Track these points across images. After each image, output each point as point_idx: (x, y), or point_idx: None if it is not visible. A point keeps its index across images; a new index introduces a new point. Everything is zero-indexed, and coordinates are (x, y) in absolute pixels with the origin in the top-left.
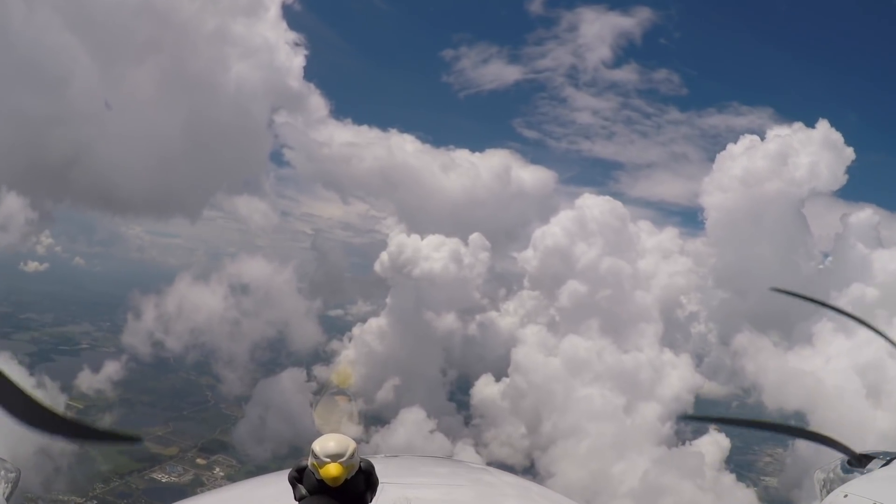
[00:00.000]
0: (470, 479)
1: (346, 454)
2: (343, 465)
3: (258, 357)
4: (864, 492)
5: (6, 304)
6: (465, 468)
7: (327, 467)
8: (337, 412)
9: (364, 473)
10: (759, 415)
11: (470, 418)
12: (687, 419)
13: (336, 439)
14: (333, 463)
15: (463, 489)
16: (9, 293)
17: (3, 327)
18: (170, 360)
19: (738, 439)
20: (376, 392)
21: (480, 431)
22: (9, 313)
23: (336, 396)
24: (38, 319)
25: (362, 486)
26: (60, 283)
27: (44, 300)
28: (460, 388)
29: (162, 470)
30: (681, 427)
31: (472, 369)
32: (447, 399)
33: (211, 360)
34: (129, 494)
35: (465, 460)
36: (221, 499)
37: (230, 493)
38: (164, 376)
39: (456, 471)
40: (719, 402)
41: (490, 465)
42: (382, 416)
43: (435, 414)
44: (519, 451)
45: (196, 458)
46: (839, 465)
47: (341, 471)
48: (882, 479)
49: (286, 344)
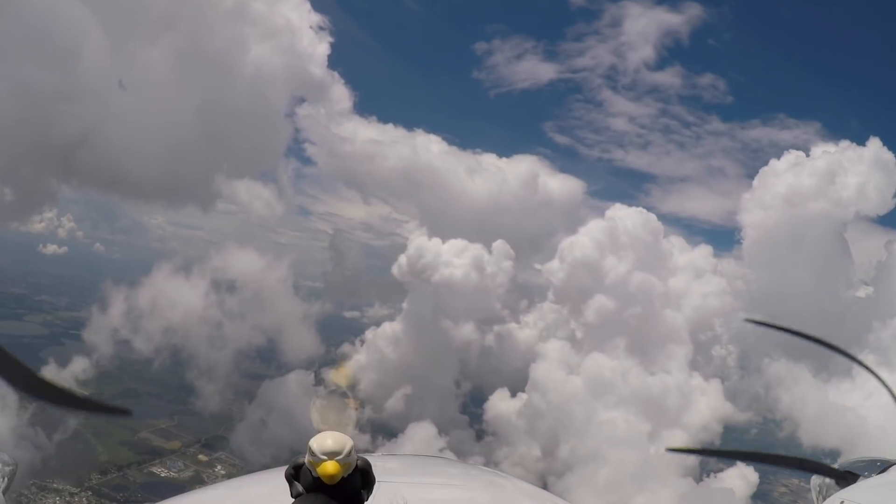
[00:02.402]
0: (467, 479)
1: (343, 452)
2: (340, 463)
3: (264, 356)
4: (861, 498)
5: (23, 286)
6: (461, 468)
7: (324, 465)
8: (335, 411)
9: (361, 472)
10: (796, 452)
11: (482, 434)
12: (672, 451)
13: (333, 437)
14: (330, 461)
15: (460, 488)
16: (26, 275)
17: (18, 308)
18: (181, 353)
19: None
20: (386, 400)
21: (492, 449)
22: (24, 295)
23: (335, 395)
24: (52, 303)
25: (359, 485)
26: (78, 268)
27: (60, 284)
28: (474, 401)
29: (162, 464)
30: (704, 459)
31: (488, 382)
32: (459, 411)
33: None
34: (126, 488)
35: (462, 460)
36: (217, 495)
37: (226, 489)
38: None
39: (453, 470)
40: (737, 428)
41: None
42: (390, 425)
43: (446, 426)
44: (532, 474)
45: (198, 455)
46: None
47: (338, 469)
48: (879, 485)
49: (288, 345)
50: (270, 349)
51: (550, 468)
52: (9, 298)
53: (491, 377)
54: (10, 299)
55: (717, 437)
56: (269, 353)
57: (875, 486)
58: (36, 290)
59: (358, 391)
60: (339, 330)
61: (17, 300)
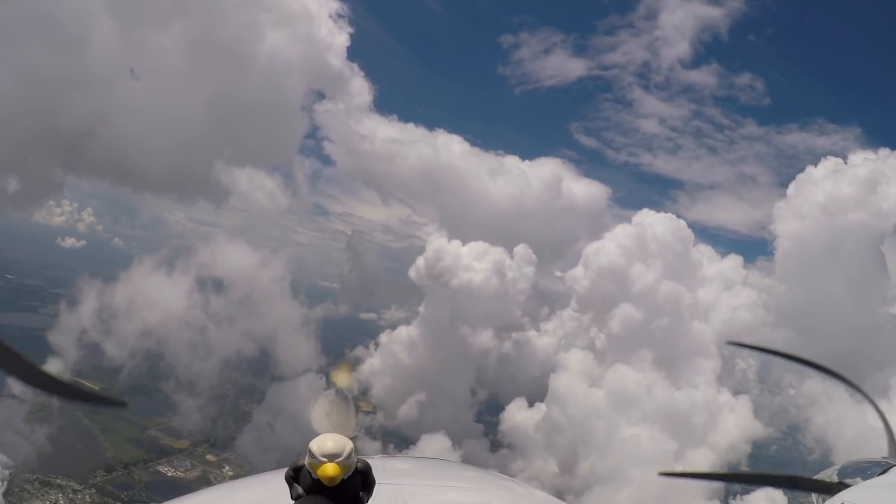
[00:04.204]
0: (466, 481)
1: (343, 454)
2: (340, 465)
3: (261, 360)
4: (861, 499)
5: (40, 278)
6: (461, 469)
7: (324, 467)
8: (336, 413)
9: (361, 474)
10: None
11: (497, 445)
12: (666, 475)
13: (333, 439)
14: (330, 463)
15: (459, 490)
16: (43, 267)
17: (33, 300)
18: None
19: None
20: (399, 407)
21: (507, 461)
22: (40, 287)
23: (338, 397)
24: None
25: (359, 487)
26: (95, 262)
27: (76, 277)
28: (489, 410)
29: (169, 463)
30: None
31: (504, 390)
32: (474, 420)
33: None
34: (131, 486)
35: (462, 462)
36: (217, 497)
37: (226, 491)
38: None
39: (452, 472)
40: (757, 443)
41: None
42: (403, 433)
43: (460, 435)
44: (548, 491)
45: (206, 455)
46: (835, 473)
47: (338, 471)
48: (881, 486)
49: (293, 349)
50: (270, 353)
51: (568, 485)
52: (25, 290)
53: (508, 386)
54: (26, 291)
55: (744, 458)
56: (269, 356)
57: (875, 487)
58: (52, 282)
59: (370, 396)
60: (354, 331)
61: (33, 292)
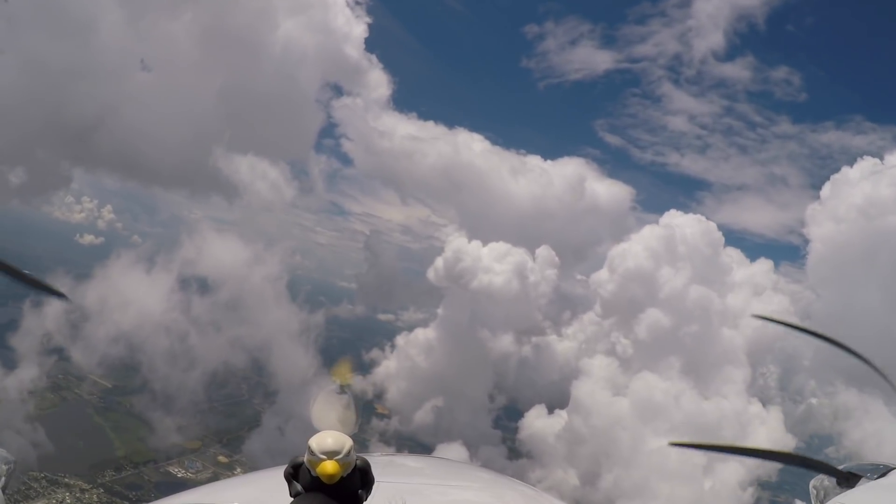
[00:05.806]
0: (467, 479)
1: (342, 451)
2: (339, 463)
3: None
4: (860, 501)
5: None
6: (461, 468)
7: (323, 464)
8: (336, 410)
9: (360, 471)
10: None
11: (515, 452)
12: (676, 445)
13: (333, 436)
14: (330, 460)
15: (460, 489)
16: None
17: None
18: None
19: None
20: (415, 412)
21: (525, 470)
22: None
23: (339, 394)
24: None
25: (358, 485)
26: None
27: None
28: (508, 416)
29: (180, 464)
30: (761, 495)
31: (524, 396)
32: (492, 426)
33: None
34: (140, 486)
35: (462, 461)
36: (215, 493)
37: (225, 488)
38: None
39: (453, 471)
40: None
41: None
42: (418, 438)
43: (476, 442)
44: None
45: (218, 456)
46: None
47: (337, 468)
48: (881, 488)
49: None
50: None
51: (589, 498)
52: None
53: (527, 391)
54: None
55: (775, 474)
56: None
57: (875, 489)
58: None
59: (385, 400)
60: (371, 332)
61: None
